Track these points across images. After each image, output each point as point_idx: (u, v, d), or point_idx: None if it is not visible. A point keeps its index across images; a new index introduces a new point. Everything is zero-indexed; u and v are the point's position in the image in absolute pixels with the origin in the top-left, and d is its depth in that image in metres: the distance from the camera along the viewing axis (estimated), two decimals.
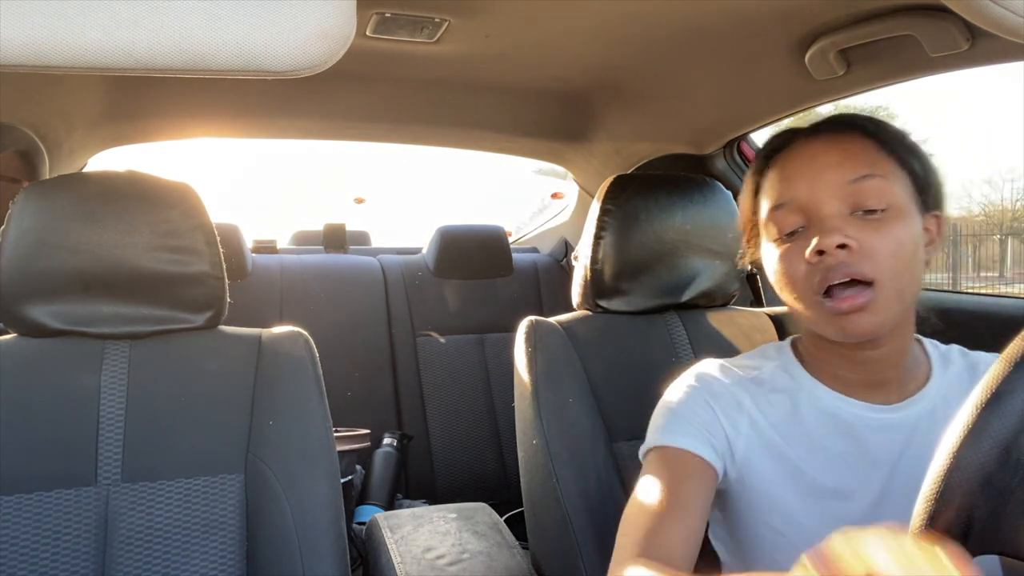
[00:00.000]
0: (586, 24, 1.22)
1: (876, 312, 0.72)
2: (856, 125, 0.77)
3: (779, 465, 0.78)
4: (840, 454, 0.77)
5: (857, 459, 0.77)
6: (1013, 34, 0.42)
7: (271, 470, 0.97)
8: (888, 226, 0.72)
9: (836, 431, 0.78)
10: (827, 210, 0.73)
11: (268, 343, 1.05)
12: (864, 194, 0.72)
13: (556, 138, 1.97)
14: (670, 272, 1.19)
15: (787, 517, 0.78)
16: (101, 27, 0.37)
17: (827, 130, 0.78)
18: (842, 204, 0.73)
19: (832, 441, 0.78)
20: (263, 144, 2.21)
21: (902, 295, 0.73)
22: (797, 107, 1.39)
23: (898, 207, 0.73)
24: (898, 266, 0.72)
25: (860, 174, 0.73)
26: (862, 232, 0.72)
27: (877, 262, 0.71)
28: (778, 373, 0.83)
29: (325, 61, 0.41)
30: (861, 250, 0.71)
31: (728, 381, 0.82)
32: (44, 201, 0.96)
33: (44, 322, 0.97)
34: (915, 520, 0.50)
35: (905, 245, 0.72)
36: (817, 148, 0.77)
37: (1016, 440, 0.46)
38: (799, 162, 0.77)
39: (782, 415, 0.80)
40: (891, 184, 0.73)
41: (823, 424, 0.79)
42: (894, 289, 0.72)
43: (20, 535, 0.89)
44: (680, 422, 0.79)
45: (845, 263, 0.71)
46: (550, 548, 1.05)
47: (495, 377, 2.23)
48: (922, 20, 0.97)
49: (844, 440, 0.78)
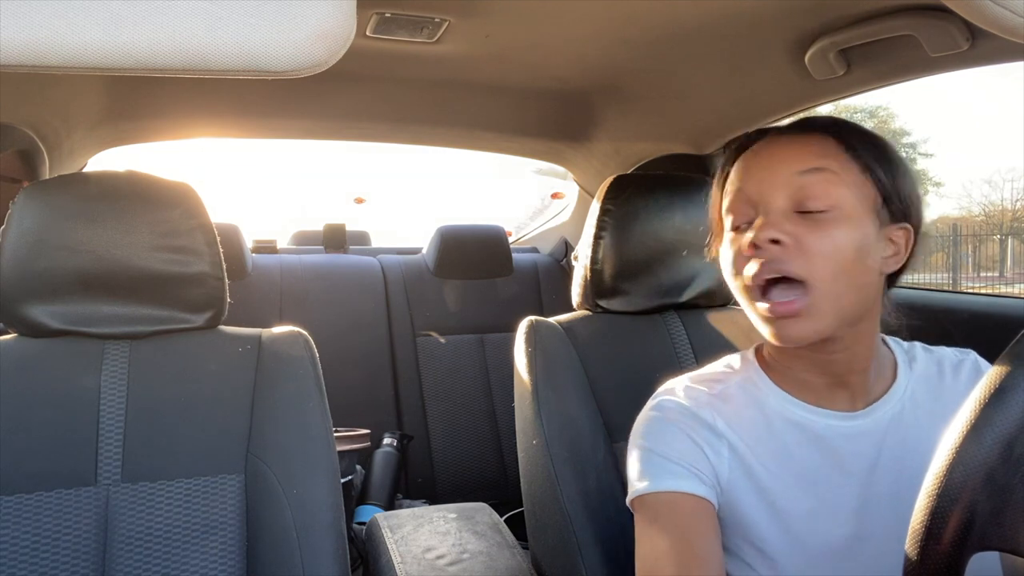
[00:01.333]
0: (586, 24, 1.22)
1: (809, 318, 0.71)
2: (823, 127, 0.76)
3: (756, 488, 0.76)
4: (815, 467, 0.76)
5: (832, 471, 0.75)
6: (1013, 34, 0.42)
7: (271, 470, 0.97)
8: (828, 227, 0.71)
9: (809, 444, 0.76)
10: (771, 204, 0.73)
11: (268, 343, 1.05)
12: (809, 190, 0.71)
13: (556, 138, 1.97)
14: (670, 272, 1.19)
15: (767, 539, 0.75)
16: (101, 27, 0.37)
17: (793, 130, 0.78)
18: (787, 199, 0.73)
19: (807, 455, 0.76)
20: (263, 144, 2.21)
21: (839, 301, 0.71)
22: (797, 107, 1.39)
23: (844, 209, 0.71)
24: (833, 269, 0.70)
25: (808, 166, 0.72)
26: (801, 230, 0.71)
27: (810, 262, 0.70)
28: (745, 386, 0.80)
29: (325, 61, 0.41)
30: (795, 247, 0.70)
31: (697, 405, 0.79)
32: (44, 201, 0.96)
33: (44, 322, 0.97)
34: (916, 516, 0.50)
35: (843, 249, 0.70)
36: (777, 145, 0.77)
37: (1018, 436, 0.46)
38: (758, 156, 0.77)
39: (755, 431, 0.77)
40: (840, 184, 0.72)
41: (796, 438, 0.77)
42: (829, 294, 0.70)
43: (20, 535, 0.89)
44: (663, 462, 0.76)
45: (777, 259, 0.71)
46: (550, 548, 1.05)
47: (495, 377, 2.23)
48: (922, 20, 0.97)
49: (818, 453, 0.76)
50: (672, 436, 0.77)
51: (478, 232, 2.40)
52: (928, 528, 0.48)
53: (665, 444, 0.77)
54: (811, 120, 0.79)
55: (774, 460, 0.76)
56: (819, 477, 0.75)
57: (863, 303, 0.74)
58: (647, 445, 0.78)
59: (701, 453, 0.76)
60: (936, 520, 0.47)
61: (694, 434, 0.76)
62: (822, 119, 0.78)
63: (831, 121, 0.77)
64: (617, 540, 1.00)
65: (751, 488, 0.76)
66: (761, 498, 0.76)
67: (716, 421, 0.77)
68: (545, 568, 1.07)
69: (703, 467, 0.76)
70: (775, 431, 0.77)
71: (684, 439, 0.76)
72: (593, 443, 1.06)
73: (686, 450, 0.76)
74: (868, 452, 0.76)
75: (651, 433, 0.78)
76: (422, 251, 2.46)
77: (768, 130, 0.80)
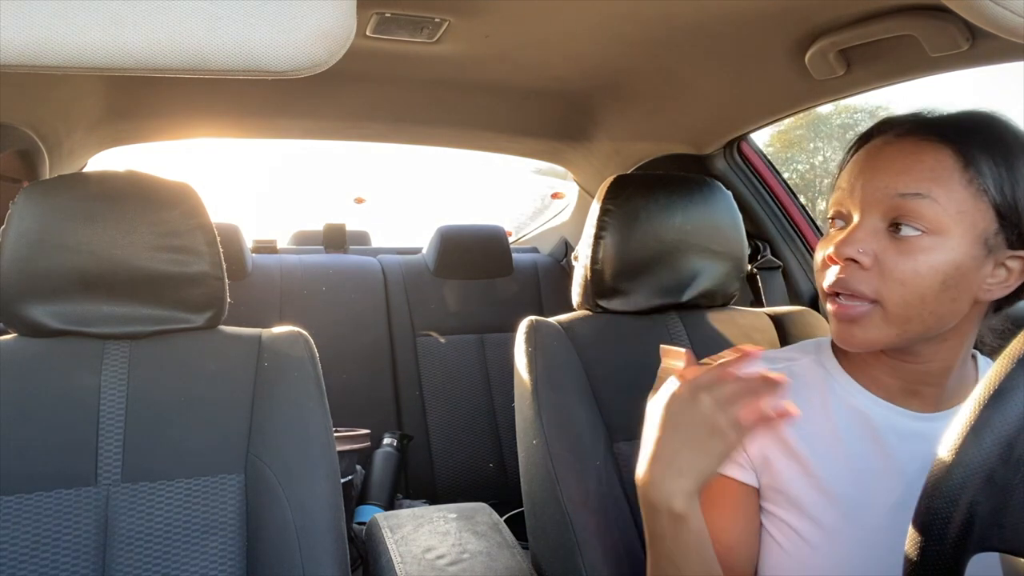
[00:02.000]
0: (586, 24, 1.22)
1: (867, 329, 0.71)
2: (943, 133, 0.70)
3: (796, 462, 0.78)
4: (862, 455, 0.76)
5: (880, 463, 0.76)
6: (1013, 34, 0.42)
7: (271, 470, 0.97)
8: (916, 253, 0.68)
9: (862, 432, 0.77)
10: (864, 217, 0.71)
11: (268, 343, 1.05)
12: (905, 211, 0.68)
13: (556, 138, 1.97)
14: (670, 272, 1.19)
15: (805, 515, 0.77)
16: (101, 27, 0.37)
17: (918, 132, 0.72)
18: (880, 215, 0.70)
19: (856, 442, 0.77)
20: (263, 144, 2.21)
21: (907, 323, 0.70)
22: (797, 107, 1.39)
23: (940, 237, 0.68)
24: (907, 295, 0.68)
25: (911, 191, 0.68)
26: (887, 250, 0.69)
27: (885, 285, 0.69)
28: (812, 367, 0.82)
29: (325, 61, 0.41)
30: (875, 268, 0.69)
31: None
32: (44, 201, 0.96)
33: (44, 322, 0.97)
34: (916, 517, 0.50)
35: (925, 277, 0.68)
36: (893, 150, 0.72)
37: (1018, 437, 0.46)
38: (869, 157, 0.73)
39: (808, 411, 0.79)
40: (942, 212, 0.67)
41: (850, 424, 0.78)
42: (897, 315, 0.69)
43: (20, 535, 0.89)
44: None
45: (852, 276, 0.70)
46: (550, 548, 1.05)
47: (495, 377, 2.23)
48: (922, 20, 0.97)
49: (868, 443, 0.77)
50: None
51: (478, 232, 2.40)
52: (928, 528, 0.48)
53: None
54: (934, 123, 0.72)
55: (823, 442, 0.78)
56: (867, 466, 0.76)
57: (941, 325, 0.71)
58: None
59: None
60: (936, 521, 0.47)
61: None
62: (947, 121, 0.72)
63: (956, 126, 0.71)
64: (617, 540, 1.00)
65: (790, 461, 0.78)
66: (802, 471, 0.77)
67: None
68: (545, 568, 1.07)
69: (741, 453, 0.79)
70: (829, 414, 0.78)
71: None
72: (593, 443, 1.06)
73: None
74: (921, 455, 0.75)
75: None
76: (422, 251, 2.46)
77: (891, 124, 0.75)
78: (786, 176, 1.75)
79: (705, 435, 0.67)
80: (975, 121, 0.72)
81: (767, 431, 0.79)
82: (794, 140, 5.56)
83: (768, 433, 0.79)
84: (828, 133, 4.77)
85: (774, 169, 1.73)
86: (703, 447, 0.67)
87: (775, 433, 0.79)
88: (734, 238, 1.22)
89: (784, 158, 5.18)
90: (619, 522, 1.02)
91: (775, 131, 1.80)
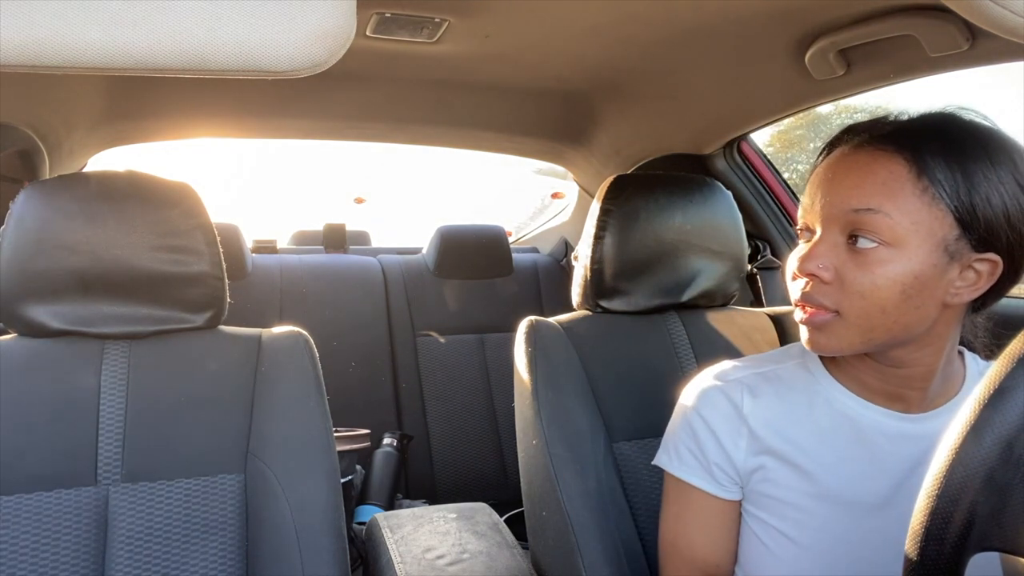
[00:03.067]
0: (586, 24, 1.22)
1: (831, 336, 0.72)
2: (902, 145, 0.70)
3: (782, 466, 0.78)
4: (849, 458, 0.77)
5: (867, 465, 0.76)
6: (1013, 34, 0.42)
7: (271, 470, 0.97)
8: (873, 266, 0.69)
9: (849, 434, 0.78)
10: (824, 232, 0.72)
11: (268, 343, 1.05)
12: (860, 225, 0.69)
13: (556, 138, 1.97)
14: (670, 272, 1.19)
15: (790, 518, 0.78)
16: (101, 27, 0.37)
17: (873, 143, 0.72)
18: (839, 229, 0.71)
19: (842, 444, 0.77)
20: (263, 144, 2.21)
21: (870, 332, 0.71)
22: (797, 107, 1.39)
23: (896, 248, 0.68)
24: (867, 306, 0.69)
25: (863, 206, 0.69)
26: (844, 264, 0.70)
27: (846, 298, 0.70)
28: (798, 370, 0.83)
29: (325, 61, 0.41)
30: (835, 282, 0.71)
31: (729, 386, 0.82)
32: (44, 201, 0.96)
33: (44, 322, 0.97)
34: (916, 517, 0.50)
35: (883, 288, 0.68)
36: (849, 162, 0.72)
37: (1018, 437, 0.46)
38: (828, 169, 0.74)
39: (792, 414, 0.80)
40: (899, 221, 0.68)
41: (836, 426, 0.78)
42: (859, 325, 0.71)
43: (20, 535, 0.89)
44: (687, 453, 0.83)
45: (815, 290, 0.72)
46: (550, 548, 1.05)
47: (495, 377, 2.23)
48: (922, 20, 0.97)
49: (855, 445, 0.77)
50: (696, 431, 0.83)
51: (478, 232, 2.40)
52: (928, 529, 0.48)
53: (688, 437, 0.83)
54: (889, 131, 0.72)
55: (811, 444, 0.79)
56: (854, 467, 0.77)
57: (908, 332, 0.72)
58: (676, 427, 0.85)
59: (720, 449, 0.81)
60: (936, 521, 0.47)
61: (716, 426, 0.81)
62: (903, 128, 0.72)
63: (911, 133, 0.71)
64: (617, 540, 1.00)
65: (777, 462, 0.79)
66: (787, 468, 0.78)
67: (743, 401, 0.81)
68: (545, 568, 1.07)
69: (721, 462, 0.81)
70: (816, 416, 0.79)
71: (707, 434, 0.82)
72: (593, 443, 1.06)
73: (707, 448, 0.81)
74: (909, 456, 0.76)
75: (683, 416, 0.85)
76: (422, 251, 2.46)
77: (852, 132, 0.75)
78: (786, 176, 1.75)
79: None
80: (931, 125, 0.72)
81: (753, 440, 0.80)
82: (794, 140, 5.56)
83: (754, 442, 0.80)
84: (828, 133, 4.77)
85: (774, 169, 1.73)
86: None
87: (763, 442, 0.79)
88: (734, 238, 1.21)
89: (784, 158, 5.18)
90: (619, 522, 1.02)
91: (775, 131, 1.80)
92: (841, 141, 0.76)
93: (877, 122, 0.75)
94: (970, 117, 0.72)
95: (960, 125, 0.71)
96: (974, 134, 0.70)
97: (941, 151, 0.69)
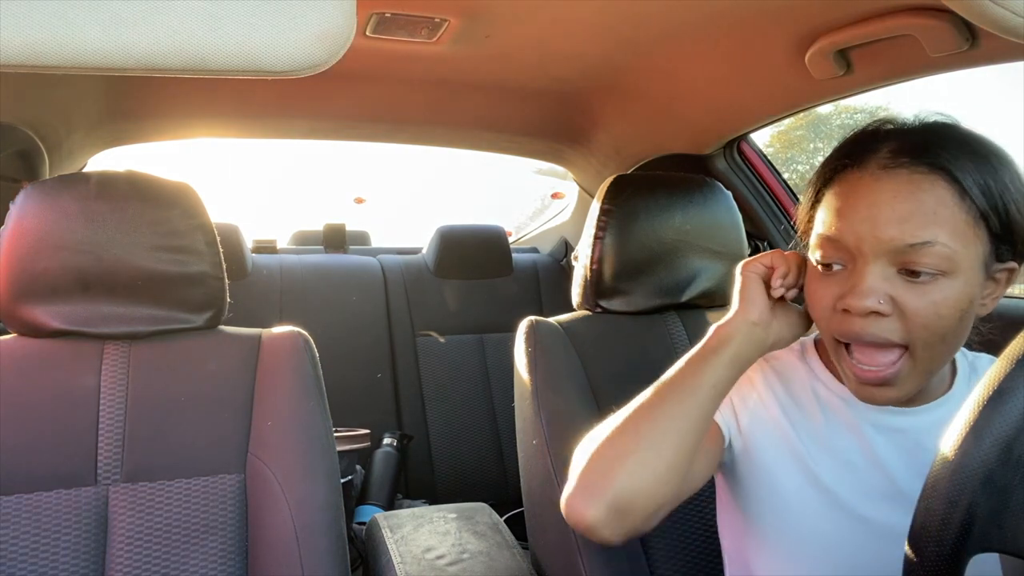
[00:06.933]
0: (586, 24, 1.22)
1: (902, 385, 0.70)
2: (939, 166, 0.66)
3: (780, 447, 0.79)
4: (844, 449, 0.77)
5: (861, 457, 0.77)
6: (1013, 34, 0.42)
7: (271, 470, 0.97)
8: (932, 292, 0.66)
9: (845, 427, 0.78)
10: (869, 267, 0.67)
11: (268, 343, 1.05)
12: (916, 259, 0.65)
13: (556, 138, 1.97)
14: (670, 272, 1.19)
15: (785, 501, 0.78)
16: (101, 27, 0.37)
17: (904, 164, 0.67)
18: (889, 263, 0.67)
19: (839, 437, 0.78)
20: (263, 144, 2.21)
21: (934, 363, 0.69)
22: (797, 107, 1.39)
23: (953, 271, 0.66)
24: (932, 335, 0.67)
25: (920, 240, 0.65)
26: (901, 294, 0.67)
27: (912, 330, 0.67)
28: (796, 362, 0.83)
29: (325, 61, 0.41)
30: (894, 314, 0.67)
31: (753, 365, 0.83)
32: (44, 201, 0.96)
33: (44, 322, 0.97)
34: (916, 518, 0.50)
35: (948, 316, 0.66)
36: (885, 192, 0.67)
37: (1017, 438, 0.46)
38: (861, 201, 0.68)
39: (790, 402, 0.80)
40: (954, 248, 0.65)
41: (833, 419, 0.79)
42: (926, 359, 0.68)
43: (20, 535, 0.89)
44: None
45: (873, 329, 0.68)
46: (550, 548, 1.05)
47: (495, 377, 2.23)
48: (922, 20, 0.97)
49: (851, 438, 0.78)
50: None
51: (478, 232, 2.40)
52: (928, 529, 0.48)
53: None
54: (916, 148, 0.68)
55: (804, 432, 0.79)
56: (849, 460, 0.77)
57: (953, 354, 0.71)
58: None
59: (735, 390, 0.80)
60: (936, 521, 0.47)
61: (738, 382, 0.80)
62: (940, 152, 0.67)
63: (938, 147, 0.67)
64: None
65: (778, 440, 0.79)
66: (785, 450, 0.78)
67: (755, 377, 0.82)
68: (545, 568, 1.07)
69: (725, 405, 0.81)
70: (814, 409, 0.80)
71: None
72: None
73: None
74: (903, 449, 0.76)
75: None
76: (422, 251, 2.46)
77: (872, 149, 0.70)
78: (786, 176, 1.75)
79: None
80: (949, 134, 0.69)
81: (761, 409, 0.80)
82: (794, 140, 5.55)
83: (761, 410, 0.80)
84: (828, 133, 4.77)
85: (774, 169, 1.73)
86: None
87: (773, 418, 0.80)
88: (734, 238, 1.22)
89: (784, 158, 5.17)
90: None
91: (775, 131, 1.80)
92: (854, 162, 0.71)
93: (891, 137, 0.71)
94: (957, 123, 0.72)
95: (968, 136, 0.70)
96: (983, 144, 0.70)
97: (972, 167, 0.67)
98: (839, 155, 0.74)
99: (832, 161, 0.74)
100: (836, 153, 0.75)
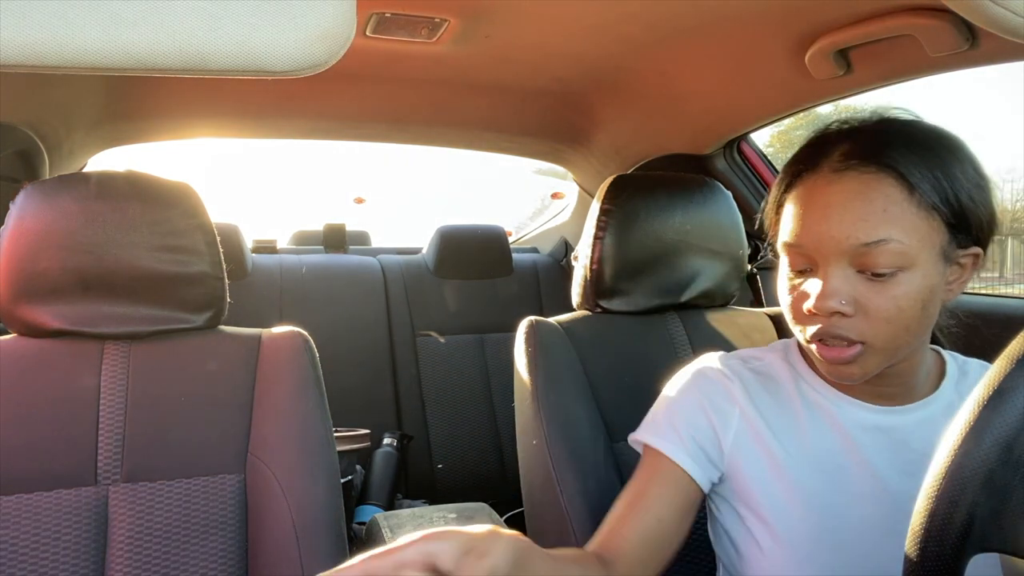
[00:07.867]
0: (586, 24, 1.22)
1: (863, 365, 0.72)
2: (887, 165, 0.68)
3: (767, 456, 0.79)
4: (829, 451, 0.77)
5: (846, 458, 0.77)
6: (1013, 34, 0.42)
7: (271, 470, 0.97)
8: (892, 287, 0.68)
9: (829, 428, 0.78)
10: (830, 269, 0.70)
11: (268, 343, 1.05)
12: (874, 258, 0.68)
13: (556, 138, 1.97)
14: (670, 272, 1.19)
15: (771, 507, 0.78)
16: (101, 27, 0.37)
17: (856, 166, 0.70)
18: (848, 264, 0.70)
19: (823, 438, 0.78)
20: (263, 144, 2.21)
21: (896, 351, 0.72)
22: (797, 107, 1.39)
23: (910, 264, 0.68)
24: (893, 329, 0.69)
25: (874, 239, 0.67)
26: (862, 293, 0.69)
27: (872, 326, 0.69)
28: (780, 364, 0.84)
29: (325, 61, 0.41)
30: (856, 313, 0.70)
31: (724, 371, 0.83)
32: (44, 201, 0.96)
33: (44, 322, 0.97)
34: (916, 518, 0.50)
35: (908, 308, 0.69)
36: (837, 194, 0.70)
37: (1018, 438, 0.46)
38: (817, 205, 0.71)
39: (775, 406, 0.80)
40: (909, 243, 0.68)
41: (817, 420, 0.79)
42: (884, 349, 0.71)
43: (20, 535, 0.89)
44: (669, 427, 0.81)
45: (836, 326, 0.70)
46: (550, 548, 1.05)
47: (495, 377, 2.23)
48: (922, 20, 0.97)
49: (836, 438, 0.78)
50: (686, 404, 0.82)
51: (478, 232, 2.40)
52: (928, 529, 0.48)
53: (677, 410, 0.82)
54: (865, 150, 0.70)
55: (792, 437, 0.79)
56: (834, 461, 0.77)
57: (920, 339, 0.73)
58: (664, 403, 0.85)
59: (708, 425, 0.80)
60: (936, 521, 0.47)
61: (708, 404, 0.81)
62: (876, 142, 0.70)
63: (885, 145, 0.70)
64: None
65: (761, 454, 0.79)
66: (771, 465, 0.78)
67: (735, 389, 0.81)
68: None
69: (705, 440, 0.80)
70: (798, 410, 0.80)
71: (697, 410, 0.81)
72: (593, 443, 1.06)
73: (695, 422, 0.80)
74: (889, 448, 0.77)
75: (673, 393, 0.84)
76: (422, 251, 2.46)
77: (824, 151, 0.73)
78: None
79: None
80: (895, 135, 0.71)
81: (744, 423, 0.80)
82: (794, 140, 5.54)
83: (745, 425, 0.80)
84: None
85: (774, 169, 1.73)
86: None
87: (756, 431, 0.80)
88: (734, 238, 1.22)
89: (784, 158, 5.16)
90: None
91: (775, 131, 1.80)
92: (809, 167, 0.73)
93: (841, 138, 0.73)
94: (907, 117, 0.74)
95: (916, 128, 0.72)
96: (930, 135, 0.72)
97: (920, 161, 0.69)
98: (796, 160, 0.76)
99: (790, 166, 0.76)
100: (793, 158, 0.77)
